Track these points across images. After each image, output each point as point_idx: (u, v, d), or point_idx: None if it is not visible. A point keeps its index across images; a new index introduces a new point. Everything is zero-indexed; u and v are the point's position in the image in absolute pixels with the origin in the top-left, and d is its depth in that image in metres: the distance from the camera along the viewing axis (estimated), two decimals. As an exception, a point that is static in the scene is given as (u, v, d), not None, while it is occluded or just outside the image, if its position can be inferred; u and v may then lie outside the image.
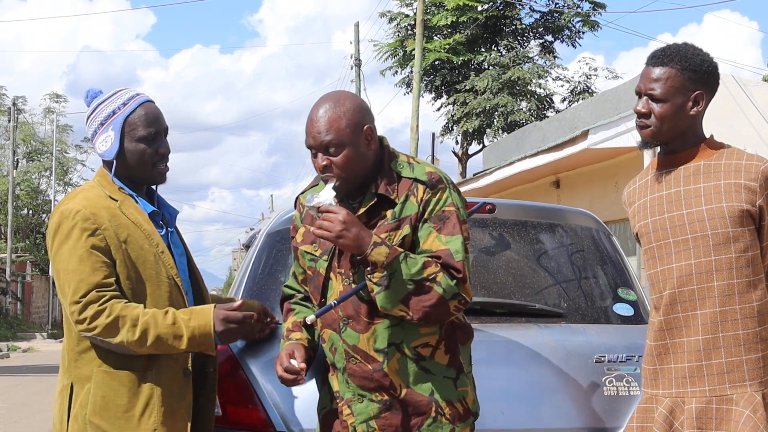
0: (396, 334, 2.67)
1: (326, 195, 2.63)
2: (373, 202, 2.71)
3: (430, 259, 2.62)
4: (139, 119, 2.84)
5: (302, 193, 2.93)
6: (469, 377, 2.77)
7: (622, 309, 3.55)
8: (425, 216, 2.68)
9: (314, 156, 2.72)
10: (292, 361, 2.71)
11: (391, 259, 2.57)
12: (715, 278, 2.72)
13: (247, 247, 6.22)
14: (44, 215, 40.64)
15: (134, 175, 2.87)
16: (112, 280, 2.71)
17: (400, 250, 2.61)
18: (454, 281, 2.62)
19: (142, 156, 2.84)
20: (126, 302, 2.70)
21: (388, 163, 2.75)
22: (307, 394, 3.12)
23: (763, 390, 2.70)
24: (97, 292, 2.68)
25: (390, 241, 2.65)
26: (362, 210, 2.71)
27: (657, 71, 2.78)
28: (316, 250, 2.79)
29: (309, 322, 2.74)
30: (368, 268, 2.60)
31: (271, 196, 64.53)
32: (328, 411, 2.82)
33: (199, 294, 2.99)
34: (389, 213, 2.70)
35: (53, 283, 38.81)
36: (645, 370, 2.88)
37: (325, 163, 2.68)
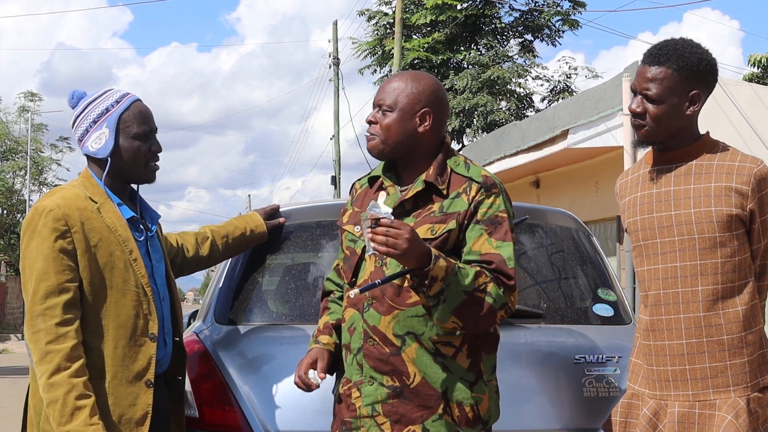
0: (417, 325, 2.65)
1: (385, 208, 2.57)
2: (420, 189, 2.71)
3: (480, 269, 2.61)
4: (134, 117, 2.85)
5: (359, 180, 2.96)
6: (489, 386, 2.73)
7: (602, 309, 3.53)
8: (477, 217, 2.68)
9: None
10: (310, 373, 2.72)
11: (449, 272, 2.54)
12: (699, 283, 2.70)
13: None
14: (19, 215, 40.24)
15: (127, 173, 2.86)
16: (74, 285, 2.69)
17: (453, 261, 2.58)
18: (503, 290, 2.61)
19: (137, 153, 2.84)
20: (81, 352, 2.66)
21: (444, 158, 2.76)
22: (284, 394, 3.10)
23: (748, 395, 2.68)
24: (57, 301, 2.65)
25: (434, 233, 2.66)
26: (410, 195, 2.72)
27: (653, 70, 2.73)
28: (357, 232, 2.80)
29: (353, 296, 2.71)
30: (426, 282, 2.54)
31: (249, 195, 64.40)
32: (336, 395, 2.81)
33: (174, 300, 2.98)
34: (436, 206, 2.70)
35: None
36: (632, 363, 2.88)
37: (371, 119, 2.76)
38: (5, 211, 41.06)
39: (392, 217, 2.53)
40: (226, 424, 3.07)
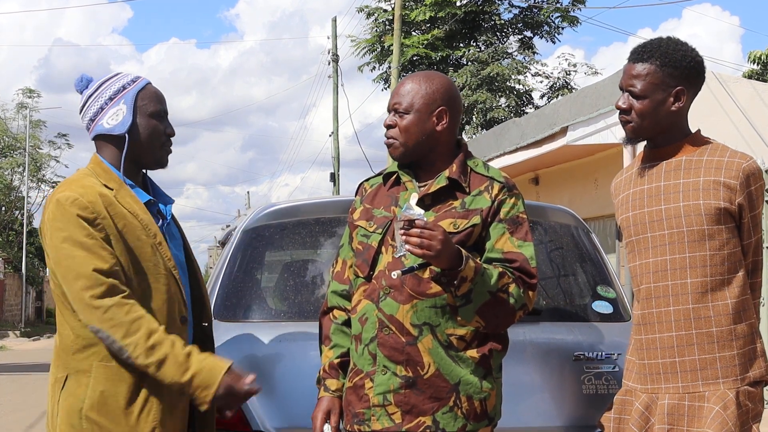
0: (434, 317, 2.67)
1: (418, 210, 2.60)
2: (443, 185, 2.74)
3: (503, 269, 2.66)
4: (151, 95, 2.79)
5: (367, 180, 2.96)
6: (496, 382, 2.76)
7: (601, 306, 3.54)
8: (500, 216, 2.74)
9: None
10: (326, 428, 2.77)
11: (477, 272, 2.60)
12: (689, 275, 2.73)
13: (222, 244, 6.19)
14: (17, 212, 40.23)
15: (143, 153, 2.78)
16: (118, 269, 2.61)
17: (479, 262, 2.63)
18: (522, 290, 2.67)
19: (154, 132, 2.77)
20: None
21: (463, 157, 2.82)
22: (283, 391, 3.11)
23: (737, 387, 2.69)
24: (113, 282, 2.58)
25: (456, 227, 2.69)
26: (433, 189, 2.74)
27: (637, 67, 2.79)
28: (370, 226, 2.81)
29: (395, 277, 2.69)
30: (455, 282, 2.58)
31: (248, 192, 64.33)
32: (346, 388, 2.80)
33: (197, 286, 2.89)
34: (457, 202, 2.74)
35: (26, 280, 38.43)
36: (626, 360, 2.91)
37: (390, 122, 2.79)
38: (3, 208, 41.05)
39: (425, 219, 2.56)
40: (224, 421, 3.06)
